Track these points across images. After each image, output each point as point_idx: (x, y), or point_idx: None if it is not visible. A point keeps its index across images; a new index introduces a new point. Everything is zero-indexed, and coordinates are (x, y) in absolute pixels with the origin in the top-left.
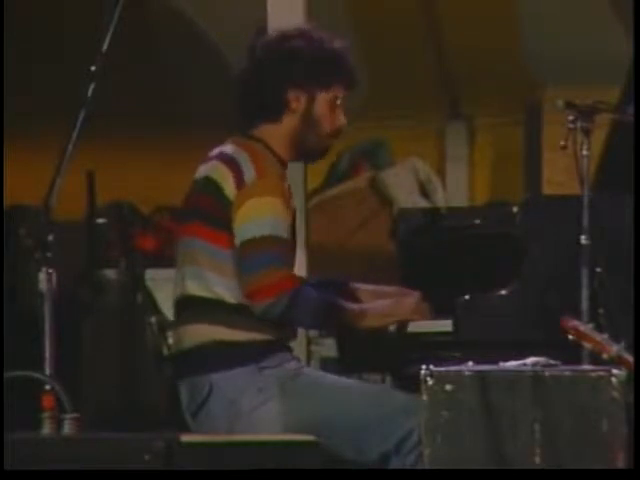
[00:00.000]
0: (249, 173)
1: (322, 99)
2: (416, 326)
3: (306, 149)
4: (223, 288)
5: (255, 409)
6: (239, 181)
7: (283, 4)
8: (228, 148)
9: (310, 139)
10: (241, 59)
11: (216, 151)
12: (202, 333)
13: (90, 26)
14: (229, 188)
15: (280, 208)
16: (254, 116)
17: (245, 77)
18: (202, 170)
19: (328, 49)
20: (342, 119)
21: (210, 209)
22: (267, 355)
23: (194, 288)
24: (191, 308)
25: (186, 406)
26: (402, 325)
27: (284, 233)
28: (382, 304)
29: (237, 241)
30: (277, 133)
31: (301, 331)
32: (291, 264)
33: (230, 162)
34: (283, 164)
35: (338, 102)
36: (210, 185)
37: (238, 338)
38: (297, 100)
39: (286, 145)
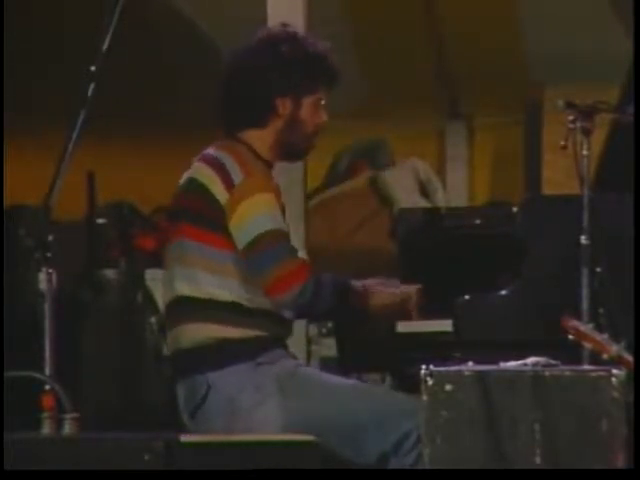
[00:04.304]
0: (236, 174)
1: (307, 102)
2: (416, 326)
3: (291, 150)
4: (214, 286)
5: (254, 407)
6: (228, 183)
7: (283, 4)
8: (211, 151)
9: (295, 141)
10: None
11: (199, 155)
12: (196, 332)
13: (90, 26)
14: (218, 190)
15: (273, 203)
16: (240, 121)
17: (230, 83)
18: (186, 174)
19: (313, 53)
20: (324, 117)
21: (199, 210)
22: (262, 351)
23: (184, 289)
24: (183, 309)
25: (183, 407)
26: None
27: (283, 225)
28: (384, 283)
29: (240, 245)
30: (262, 136)
31: (301, 330)
32: (297, 253)
33: (215, 164)
34: (268, 165)
35: (322, 102)
36: (197, 187)
37: (232, 335)
38: (283, 105)
39: (271, 147)
